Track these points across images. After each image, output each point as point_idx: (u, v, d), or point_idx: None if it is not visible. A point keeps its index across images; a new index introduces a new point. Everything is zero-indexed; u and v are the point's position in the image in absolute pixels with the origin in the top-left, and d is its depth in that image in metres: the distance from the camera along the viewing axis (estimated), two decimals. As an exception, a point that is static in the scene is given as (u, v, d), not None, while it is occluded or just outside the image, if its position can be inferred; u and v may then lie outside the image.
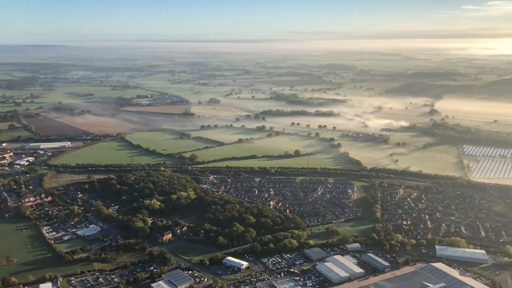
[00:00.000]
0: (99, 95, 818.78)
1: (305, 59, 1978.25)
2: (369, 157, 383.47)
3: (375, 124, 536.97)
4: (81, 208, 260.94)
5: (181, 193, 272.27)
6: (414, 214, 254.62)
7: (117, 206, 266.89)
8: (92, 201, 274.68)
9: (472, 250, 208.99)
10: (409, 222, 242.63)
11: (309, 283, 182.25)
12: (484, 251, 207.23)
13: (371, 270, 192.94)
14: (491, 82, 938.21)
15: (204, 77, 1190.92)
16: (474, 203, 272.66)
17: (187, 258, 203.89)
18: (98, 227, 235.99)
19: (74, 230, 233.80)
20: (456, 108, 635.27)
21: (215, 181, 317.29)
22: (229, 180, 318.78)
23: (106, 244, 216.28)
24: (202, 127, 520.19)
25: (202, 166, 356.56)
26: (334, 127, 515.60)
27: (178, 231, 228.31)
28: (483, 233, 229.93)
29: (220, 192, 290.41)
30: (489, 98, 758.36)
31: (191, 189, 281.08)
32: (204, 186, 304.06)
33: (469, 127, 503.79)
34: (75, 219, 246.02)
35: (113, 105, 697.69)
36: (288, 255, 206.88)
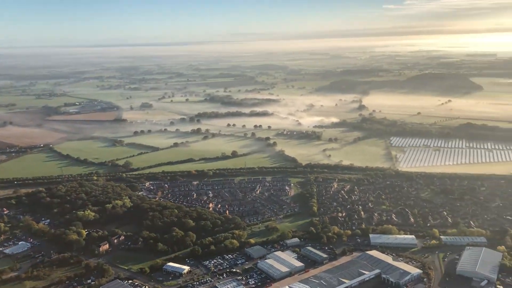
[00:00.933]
0: (22, 105, 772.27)
1: (238, 60, 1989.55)
2: (304, 153, 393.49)
3: (308, 121, 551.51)
4: (8, 225, 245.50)
5: (116, 201, 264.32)
6: (348, 206, 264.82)
7: (48, 220, 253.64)
8: (20, 217, 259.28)
9: (402, 236, 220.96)
10: (344, 214, 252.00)
11: (251, 282, 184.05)
12: (413, 236, 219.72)
13: (310, 263, 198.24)
14: (413, 76, 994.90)
15: (135, 82, 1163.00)
16: (402, 192, 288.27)
17: (126, 268, 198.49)
18: (28, 244, 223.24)
19: (1, 249, 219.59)
20: (382, 103, 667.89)
21: (152, 187, 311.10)
22: (166, 185, 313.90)
23: (38, 260, 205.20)
24: (135, 133, 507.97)
25: (137, 173, 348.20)
26: (269, 127, 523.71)
27: (116, 240, 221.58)
28: (412, 219, 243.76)
29: (157, 198, 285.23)
30: (412, 92, 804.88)
31: (127, 197, 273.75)
32: (140, 193, 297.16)
33: (395, 120, 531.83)
34: (1, 237, 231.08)
35: (39, 115, 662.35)
36: (230, 255, 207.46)
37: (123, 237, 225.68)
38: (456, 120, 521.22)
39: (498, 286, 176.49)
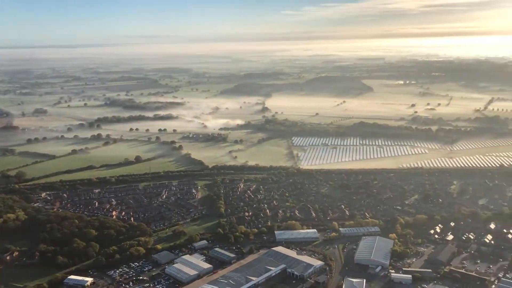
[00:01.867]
0: None
1: (140, 63, 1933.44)
2: (210, 156, 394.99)
3: (214, 124, 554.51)
4: None
5: (8, 215, 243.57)
6: (255, 205, 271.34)
7: None
8: None
9: (305, 230, 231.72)
10: (250, 213, 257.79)
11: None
12: (315, 230, 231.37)
13: (219, 264, 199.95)
14: (311, 79, 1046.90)
15: (27, 86, 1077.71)
16: (304, 189, 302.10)
17: (21, 286, 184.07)
18: None
19: None
20: (284, 105, 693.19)
21: (49, 198, 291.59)
22: (65, 195, 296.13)
23: None
24: (29, 141, 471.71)
25: (32, 183, 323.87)
26: (174, 130, 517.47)
27: (8, 257, 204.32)
28: (313, 214, 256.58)
29: (55, 209, 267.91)
30: (310, 94, 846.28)
31: (20, 210, 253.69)
32: (35, 204, 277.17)
33: (296, 121, 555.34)
34: None
35: None
36: (136, 263, 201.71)
37: (17, 253, 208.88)
38: (351, 120, 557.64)
39: (390, 270, 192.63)
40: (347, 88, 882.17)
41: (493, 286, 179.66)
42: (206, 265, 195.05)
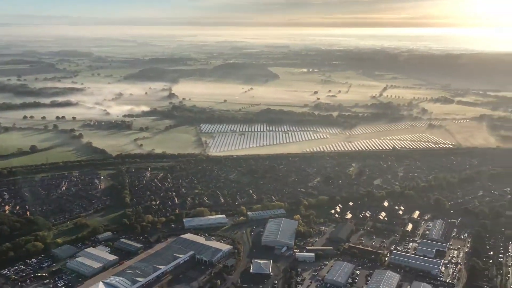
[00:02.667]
0: None
1: (34, 45, 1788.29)
2: (113, 144, 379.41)
3: (117, 111, 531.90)
4: None
5: None
6: (162, 194, 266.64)
7: None
8: None
9: (214, 216, 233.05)
10: (158, 202, 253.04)
11: (60, 283, 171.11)
12: (224, 215, 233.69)
13: (125, 255, 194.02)
14: (219, 65, 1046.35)
15: None
16: (213, 175, 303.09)
17: None
18: None
19: None
20: (192, 91, 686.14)
21: None
22: None
23: None
24: None
25: None
26: (74, 117, 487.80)
27: None
28: (222, 200, 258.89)
29: None
30: (218, 80, 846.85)
31: None
32: None
33: (204, 108, 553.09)
34: None
35: None
36: (34, 259, 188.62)
37: None
38: (258, 106, 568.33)
39: (295, 250, 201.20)
40: (254, 75, 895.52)
41: (386, 258, 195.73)
42: (111, 257, 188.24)
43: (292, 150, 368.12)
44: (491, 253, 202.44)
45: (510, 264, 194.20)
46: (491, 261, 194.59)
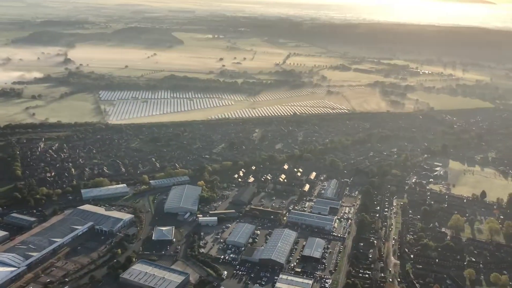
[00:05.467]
0: None
1: None
2: (2, 113, 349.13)
3: (5, 77, 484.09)
4: None
5: None
6: (58, 165, 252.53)
7: None
8: None
9: (115, 186, 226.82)
10: (53, 174, 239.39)
11: None
12: (125, 185, 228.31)
13: (17, 230, 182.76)
14: (120, 30, 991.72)
15: None
16: (113, 144, 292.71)
17: None
18: None
19: None
20: (90, 56, 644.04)
21: None
22: None
23: None
24: None
25: None
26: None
27: None
28: (123, 169, 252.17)
29: None
30: (119, 45, 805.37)
31: None
32: None
33: (103, 74, 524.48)
34: None
35: None
36: None
37: None
38: (162, 73, 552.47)
39: (198, 215, 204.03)
40: (157, 40, 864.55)
41: (285, 217, 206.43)
42: (1, 233, 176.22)
43: (197, 117, 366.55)
44: (378, 208, 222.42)
45: (393, 216, 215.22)
46: (377, 215, 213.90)
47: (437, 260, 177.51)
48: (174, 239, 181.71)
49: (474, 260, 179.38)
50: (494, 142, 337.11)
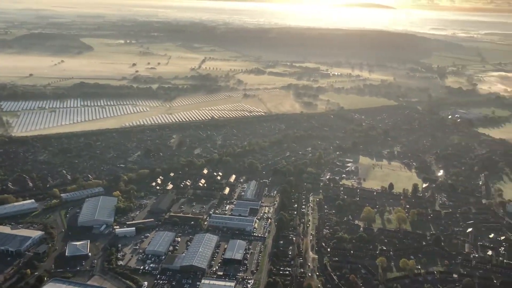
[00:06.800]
0: None
1: None
2: None
3: None
4: None
5: None
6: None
7: None
8: None
9: (21, 202, 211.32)
10: None
11: None
12: (33, 200, 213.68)
13: None
14: (22, 36, 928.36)
15: None
16: (19, 158, 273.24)
17: None
18: None
19: None
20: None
21: None
22: None
23: None
24: None
25: None
26: None
27: None
28: (30, 184, 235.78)
29: None
30: (21, 52, 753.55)
31: None
32: None
33: (5, 83, 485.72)
34: None
35: None
36: None
37: None
38: (71, 80, 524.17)
39: (115, 227, 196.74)
40: (65, 46, 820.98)
41: (206, 222, 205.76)
42: None
43: (110, 125, 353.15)
44: (296, 205, 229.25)
45: (310, 213, 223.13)
46: (295, 212, 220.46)
47: (352, 251, 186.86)
48: (90, 254, 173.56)
49: (385, 248, 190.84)
50: (399, 137, 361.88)
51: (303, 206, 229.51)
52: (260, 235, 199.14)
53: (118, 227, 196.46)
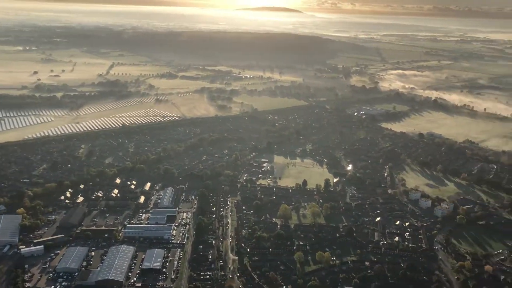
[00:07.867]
0: None
1: None
2: None
3: None
4: None
5: None
6: None
7: None
8: None
9: None
10: None
11: None
12: None
13: None
14: None
15: None
16: None
17: None
18: None
19: None
20: None
21: None
22: None
23: None
24: None
25: None
26: None
27: None
28: None
29: None
30: None
31: None
32: None
33: None
34: None
35: None
36: None
37: None
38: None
39: (20, 246, 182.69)
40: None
41: (121, 233, 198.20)
42: None
43: (11, 138, 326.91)
44: (214, 209, 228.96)
45: (229, 215, 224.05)
46: (214, 216, 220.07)
47: (270, 249, 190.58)
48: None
49: (302, 243, 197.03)
50: (310, 136, 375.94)
51: (222, 209, 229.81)
52: (179, 241, 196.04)
53: (23, 246, 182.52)
